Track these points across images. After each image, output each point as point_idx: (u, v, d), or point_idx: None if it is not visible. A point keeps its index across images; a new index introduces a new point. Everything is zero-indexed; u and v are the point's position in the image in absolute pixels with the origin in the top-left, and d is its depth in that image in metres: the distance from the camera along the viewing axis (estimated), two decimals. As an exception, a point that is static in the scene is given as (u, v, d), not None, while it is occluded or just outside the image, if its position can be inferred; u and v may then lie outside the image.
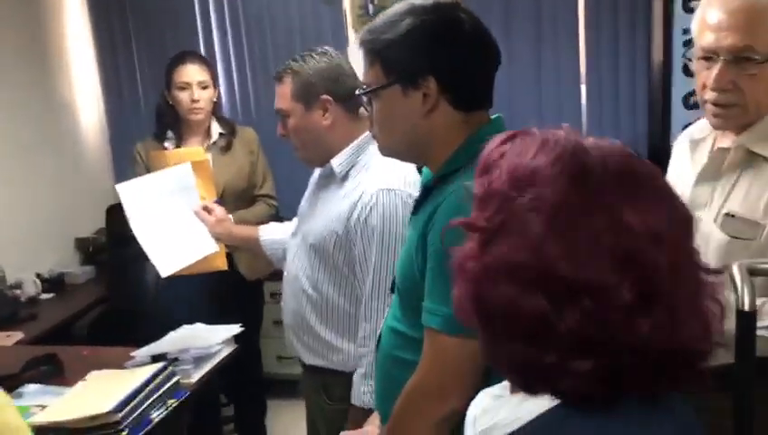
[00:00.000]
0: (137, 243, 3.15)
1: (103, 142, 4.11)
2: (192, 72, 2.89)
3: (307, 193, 2.08)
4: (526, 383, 0.76)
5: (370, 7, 3.56)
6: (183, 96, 2.88)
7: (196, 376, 2.26)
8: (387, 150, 1.42)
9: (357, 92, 1.41)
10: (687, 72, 3.08)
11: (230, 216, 2.82)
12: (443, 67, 1.27)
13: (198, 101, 2.88)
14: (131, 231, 2.95)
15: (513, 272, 0.72)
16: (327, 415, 1.98)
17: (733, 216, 1.48)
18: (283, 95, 1.94)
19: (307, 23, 3.62)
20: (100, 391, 2.04)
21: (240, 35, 3.72)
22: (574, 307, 0.70)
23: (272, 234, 2.28)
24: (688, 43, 2.92)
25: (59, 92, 3.86)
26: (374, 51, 1.33)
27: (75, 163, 3.94)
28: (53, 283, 3.55)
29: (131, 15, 3.84)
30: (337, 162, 1.90)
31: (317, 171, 2.05)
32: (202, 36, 3.76)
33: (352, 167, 1.89)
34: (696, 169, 1.58)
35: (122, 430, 1.91)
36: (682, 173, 1.62)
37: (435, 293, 1.24)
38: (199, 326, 2.50)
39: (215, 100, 2.97)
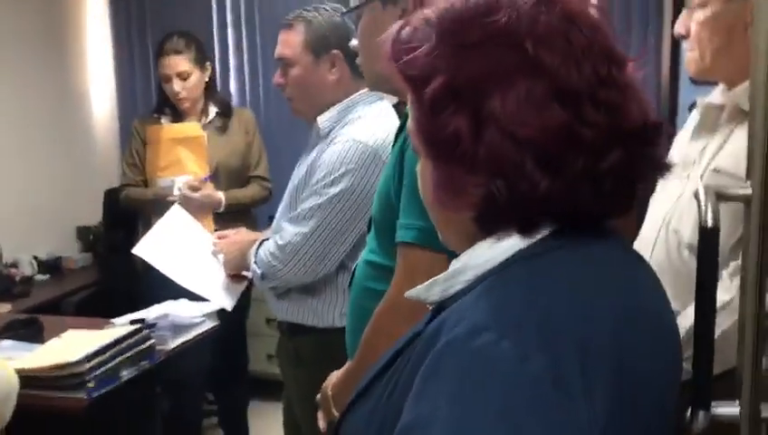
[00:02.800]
0: (130, 226, 3.18)
1: (113, 134, 4.14)
2: (172, 64, 2.86)
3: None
4: (519, 220, 0.73)
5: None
6: (166, 86, 2.89)
7: (172, 343, 2.24)
8: (369, 77, 1.42)
9: (341, 12, 1.41)
10: (694, 81, 3.05)
11: (221, 193, 2.83)
12: None
13: (178, 92, 2.86)
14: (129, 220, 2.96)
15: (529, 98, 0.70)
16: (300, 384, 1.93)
17: (719, 171, 1.44)
18: (292, 43, 1.90)
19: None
20: (73, 345, 2.01)
21: (254, 19, 3.72)
22: (594, 108, 0.70)
23: None
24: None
25: (73, 80, 3.91)
26: None
27: (83, 153, 3.97)
28: (50, 266, 3.56)
29: (149, 3, 3.88)
30: (323, 119, 1.89)
31: None
32: (216, 21, 3.77)
33: (336, 125, 1.88)
34: (690, 126, 1.56)
35: (88, 382, 1.88)
36: (681, 134, 1.60)
37: (410, 208, 1.20)
38: (184, 301, 2.48)
39: (207, 80, 2.95)
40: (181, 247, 2.38)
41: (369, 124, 1.81)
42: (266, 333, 3.56)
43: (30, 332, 2.32)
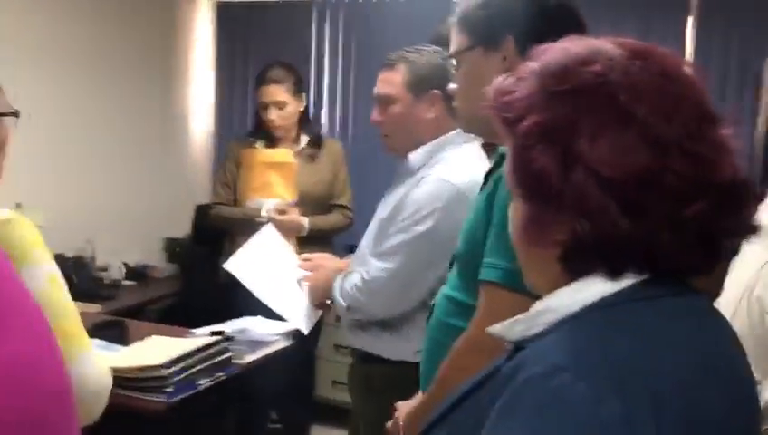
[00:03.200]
0: (216, 242, 3.31)
1: (208, 153, 4.34)
2: (271, 93, 3.01)
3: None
4: (610, 264, 0.75)
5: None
6: (263, 113, 3.03)
7: (248, 358, 2.31)
8: (466, 120, 1.45)
9: (443, 57, 1.45)
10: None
11: (305, 219, 2.91)
12: (521, 28, 1.30)
13: (274, 120, 3.00)
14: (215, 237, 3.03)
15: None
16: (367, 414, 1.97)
17: None
18: (393, 82, 1.98)
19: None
20: (156, 350, 2.11)
21: (350, 55, 3.88)
22: (680, 158, 0.73)
23: None
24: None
25: (176, 100, 4.13)
26: (460, 20, 1.39)
27: (179, 169, 4.18)
28: (137, 273, 3.74)
29: (254, 30, 4.07)
30: (414, 156, 1.95)
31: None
32: (314, 54, 3.95)
33: (426, 163, 1.93)
34: None
35: (168, 386, 1.96)
36: None
37: (497, 248, 1.23)
38: (260, 318, 2.56)
39: (301, 109, 3.08)
40: (269, 266, 2.43)
41: (458, 164, 1.86)
42: (334, 359, 3.62)
43: (115, 333, 2.43)
